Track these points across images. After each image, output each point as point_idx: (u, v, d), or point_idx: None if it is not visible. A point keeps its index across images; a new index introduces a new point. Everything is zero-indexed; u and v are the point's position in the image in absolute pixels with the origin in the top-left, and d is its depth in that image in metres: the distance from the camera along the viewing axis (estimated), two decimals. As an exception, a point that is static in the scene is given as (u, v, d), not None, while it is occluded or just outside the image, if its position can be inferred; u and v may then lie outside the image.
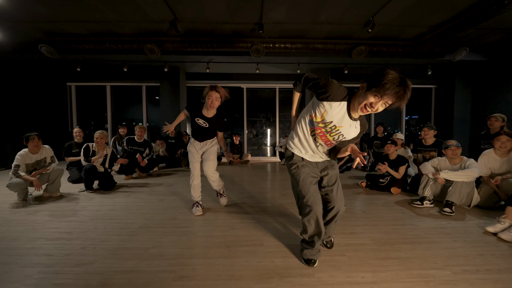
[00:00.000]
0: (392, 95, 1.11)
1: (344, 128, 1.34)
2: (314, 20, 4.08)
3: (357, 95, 1.25)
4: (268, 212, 2.54)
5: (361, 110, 1.23)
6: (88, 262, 1.60)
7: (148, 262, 1.59)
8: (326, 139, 1.42)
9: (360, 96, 1.22)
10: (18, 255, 1.68)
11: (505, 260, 1.62)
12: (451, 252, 1.72)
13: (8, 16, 3.88)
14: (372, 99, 1.17)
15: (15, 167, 2.89)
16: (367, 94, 1.18)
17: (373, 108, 1.18)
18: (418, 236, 1.97)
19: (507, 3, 3.10)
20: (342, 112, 1.30)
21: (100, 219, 2.35)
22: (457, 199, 2.52)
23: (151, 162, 4.56)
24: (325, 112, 1.31)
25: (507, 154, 2.65)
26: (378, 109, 1.19)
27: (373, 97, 1.16)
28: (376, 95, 1.15)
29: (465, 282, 1.39)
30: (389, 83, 1.09)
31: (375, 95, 1.15)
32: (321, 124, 1.36)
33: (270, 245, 1.83)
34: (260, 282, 1.39)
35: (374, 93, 1.15)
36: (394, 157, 3.24)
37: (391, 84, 1.09)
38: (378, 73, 1.15)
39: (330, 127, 1.35)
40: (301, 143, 1.52)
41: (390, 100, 1.14)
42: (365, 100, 1.19)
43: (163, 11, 3.77)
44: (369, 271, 1.48)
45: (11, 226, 2.19)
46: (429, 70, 5.85)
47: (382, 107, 1.18)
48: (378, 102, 1.16)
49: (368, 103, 1.18)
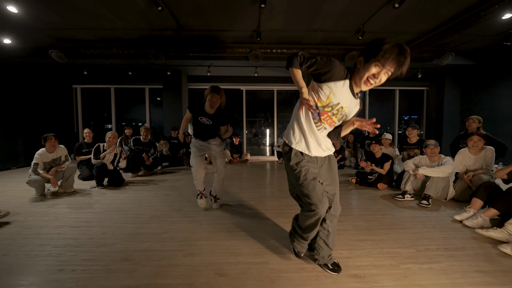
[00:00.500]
0: (393, 63, 1.10)
1: (349, 108, 1.30)
2: (309, 28, 4.37)
3: (356, 71, 1.23)
4: (265, 204, 2.83)
5: (365, 84, 1.20)
6: (109, 244, 1.88)
7: (161, 243, 1.88)
8: (331, 122, 1.35)
9: (360, 71, 1.20)
10: (48, 239, 1.96)
11: (463, 241, 1.91)
12: (419, 235, 2.02)
13: (22, 24, 4.15)
14: (374, 70, 1.14)
15: (34, 165, 3.17)
16: (367, 66, 1.15)
17: (376, 79, 1.16)
18: (394, 224, 2.27)
19: (482, 15, 3.39)
20: (347, 91, 1.25)
21: (114, 211, 2.63)
22: (433, 193, 2.82)
23: (155, 161, 4.85)
24: (331, 94, 1.24)
25: (479, 152, 2.94)
26: (382, 79, 1.17)
27: (374, 67, 1.14)
28: (377, 65, 1.13)
29: (425, 257, 1.68)
30: (388, 52, 1.09)
31: (376, 65, 1.13)
32: (327, 108, 1.28)
33: (265, 230, 2.12)
34: (255, 257, 1.68)
35: (375, 63, 1.13)
36: (379, 155, 3.53)
37: (391, 52, 1.09)
38: (374, 45, 1.14)
39: (337, 109, 1.28)
40: (303, 134, 1.39)
41: (392, 68, 1.12)
42: (367, 72, 1.16)
43: (168, 20, 4.05)
44: (346, 249, 1.77)
45: (36, 216, 2.47)
46: (419, 73, 6.14)
47: (385, 77, 1.16)
48: (381, 72, 1.14)
49: (370, 74, 1.16)
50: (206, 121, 2.49)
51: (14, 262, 1.61)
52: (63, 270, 1.52)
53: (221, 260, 1.64)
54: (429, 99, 7.43)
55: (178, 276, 1.46)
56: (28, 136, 5.83)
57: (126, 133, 5.32)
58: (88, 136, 4.37)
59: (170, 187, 3.67)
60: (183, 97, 6.84)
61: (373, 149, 3.54)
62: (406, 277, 1.45)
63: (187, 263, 1.60)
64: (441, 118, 6.90)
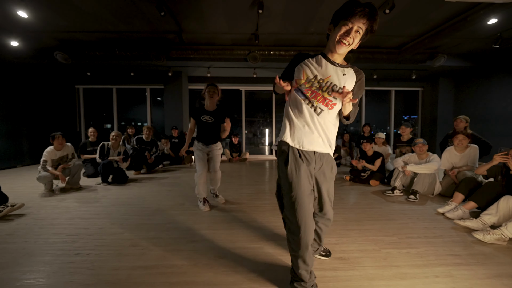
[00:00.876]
0: (361, 17, 1.09)
1: (332, 77, 1.21)
2: (305, 31, 4.55)
3: (329, 40, 1.22)
4: (262, 199, 3.00)
5: (339, 45, 1.16)
6: (118, 232, 2.06)
7: (166, 232, 2.06)
8: (322, 98, 1.23)
9: (332, 37, 1.19)
10: (62, 229, 2.14)
11: (443, 231, 2.09)
12: (403, 225, 2.20)
13: (29, 27, 4.31)
14: (344, 29, 1.13)
15: (43, 162, 3.34)
16: (337, 29, 1.15)
17: (348, 36, 1.14)
18: (381, 216, 2.44)
19: (469, 20, 3.57)
20: (321, 62, 1.23)
21: (120, 205, 2.80)
22: (420, 188, 3.00)
23: (157, 159, 5.02)
24: (304, 71, 1.23)
25: (464, 150, 3.12)
26: (354, 39, 1.15)
27: (344, 27, 1.13)
28: (346, 23, 1.12)
29: (405, 243, 1.86)
30: (353, 6, 1.09)
31: (345, 24, 1.12)
32: (307, 84, 1.23)
33: (261, 221, 2.29)
34: (251, 243, 1.85)
35: (343, 22, 1.12)
36: (371, 153, 3.72)
37: (355, 6, 1.09)
38: (340, 9, 1.15)
39: (318, 82, 1.22)
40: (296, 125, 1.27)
41: (361, 24, 1.10)
42: (337, 33, 1.15)
43: (170, 24, 4.23)
44: (334, 237, 1.95)
45: (48, 209, 2.64)
46: (413, 75, 6.32)
47: (357, 36, 1.15)
48: (351, 30, 1.12)
49: (341, 33, 1.14)
50: (208, 119, 2.64)
51: (34, 247, 1.79)
52: (79, 254, 1.69)
53: (221, 246, 1.82)
54: (424, 99, 7.63)
55: (183, 258, 1.64)
56: (33, 135, 6.00)
57: (129, 132, 5.50)
58: (93, 135, 4.54)
59: (172, 184, 3.84)
60: (184, 97, 7.01)
61: (364, 147, 3.73)
62: (385, 259, 1.63)
63: (190, 248, 1.78)
64: (435, 117, 7.09)
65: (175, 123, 6.56)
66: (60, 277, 1.44)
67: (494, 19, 3.64)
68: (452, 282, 1.40)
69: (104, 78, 7.10)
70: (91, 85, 7.29)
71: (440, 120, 7.03)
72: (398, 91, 7.79)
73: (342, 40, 1.15)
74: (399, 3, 3.41)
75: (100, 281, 1.41)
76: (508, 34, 4.41)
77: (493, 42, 4.60)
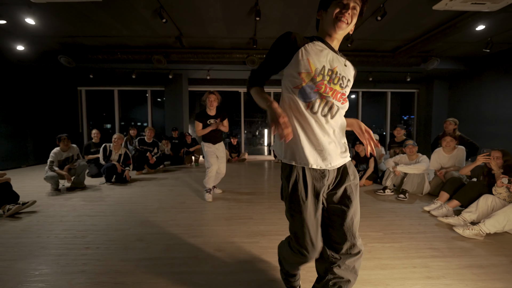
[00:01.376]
0: None
1: (338, 66, 1.03)
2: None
3: (322, 25, 1.07)
4: (259, 197, 3.16)
5: (339, 25, 1.00)
6: (124, 228, 2.21)
7: (168, 228, 2.21)
8: (335, 92, 1.03)
9: (325, 21, 1.04)
10: (71, 225, 2.29)
11: (426, 227, 2.25)
12: (389, 222, 2.35)
13: (34, 32, 4.46)
14: (337, 9, 0.99)
15: (50, 163, 3.49)
16: (330, 11, 1.01)
17: (343, 15, 0.99)
18: (370, 213, 2.60)
19: (458, 26, 3.73)
20: (322, 47, 1.02)
21: (124, 203, 2.95)
22: (409, 188, 3.16)
23: (158, 160, 5.17)
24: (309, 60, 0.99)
25: (452, 151, 3.27)
26: (353, 18, 1.00)
27: (336, 6, 1.00)
28: (338, 3, 0.99)
29: (389, 238, 2.01)
30: None
31: (337, 4, 0.99)
32: (318, 77, 0.99)
33: (257, 218, 2.45)
34: (248, 238, 2.01)
35: (337, 2, 0.99)
36: (363, 155, 3.87)
37: None
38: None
39: (328, 75, 1.01)
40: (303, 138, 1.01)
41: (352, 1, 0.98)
42: (331, 15, 1.00)
43: (171, 29, 4.38)
44: (325, 232, 2.10)
45: (56, 207, 2.79)
46: (408, 77, 6.48)
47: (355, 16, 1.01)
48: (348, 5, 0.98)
49: (335, 13, 0.99)
50: (212, 122, 3.02)
51: (47, 242, 1.94)
52: (89, 247, 1.84)
53: (220, 240, 1.97)
54: (419, 101, 7.79)
55: (185, 251, 1.79)
56: (37, 136, 6.14)
57: (131, 133, 5.65)
58: (96, 136, 4.69)
59: (173, 183, 3.99)
60: (184, 99, 7.16)
61: (357, 148, 3.88)
62: (369, 252, 1.78)
63: (191, 242, 1.93)
64: (430, 118, 7.24)
65: (176, 124, 6.70)
66: (74, 267, 1.59)
67: (481, 25, 3.79)
68: (427, 272, 1.55)
69: (106, 80, 7.25)
70: (93, 87, 7.43)
71: (434, 121, 7.18)
72: (394, 93, 7.95)
73: (340, 18, 0.99)
74: (390, 11, 3.56)
75: (110, 270, 1.56)
76: (498, 38, 4.57)
77: (484, 46, 4.76)
